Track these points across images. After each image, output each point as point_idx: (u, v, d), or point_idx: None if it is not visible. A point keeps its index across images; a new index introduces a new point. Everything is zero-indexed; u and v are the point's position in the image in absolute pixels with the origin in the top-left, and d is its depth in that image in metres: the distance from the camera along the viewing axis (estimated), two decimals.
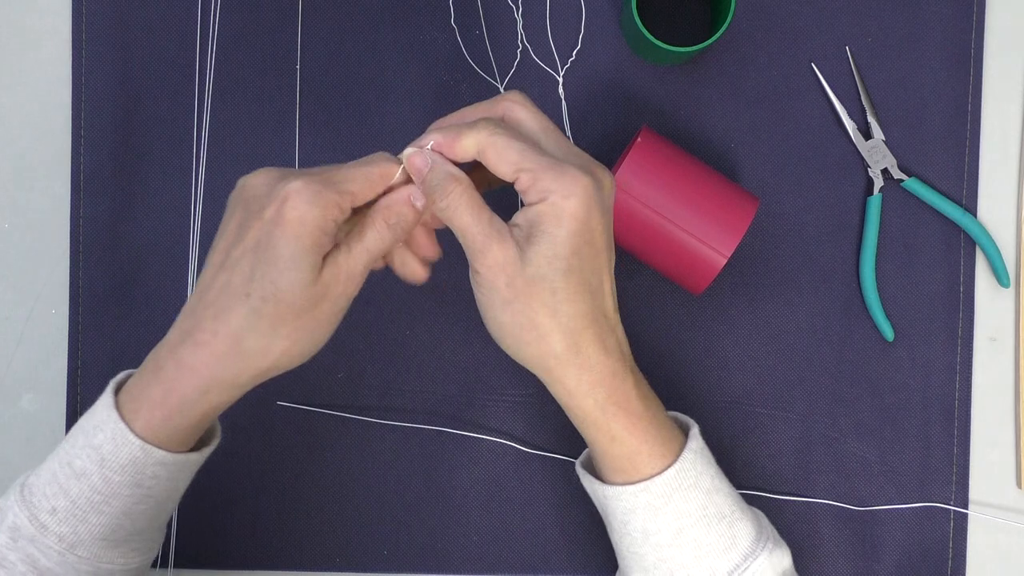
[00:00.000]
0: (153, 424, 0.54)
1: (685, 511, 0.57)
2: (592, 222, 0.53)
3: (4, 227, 0.74)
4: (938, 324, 0.73)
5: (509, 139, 0.53)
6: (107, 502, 0.54)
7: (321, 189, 0.52)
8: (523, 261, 0.53)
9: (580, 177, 0.52)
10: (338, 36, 0.73)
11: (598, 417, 0.56)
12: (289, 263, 0.52)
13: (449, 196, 0.54)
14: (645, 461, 0.57)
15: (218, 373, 0.53)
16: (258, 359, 0.53)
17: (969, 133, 0.73)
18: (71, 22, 0.74)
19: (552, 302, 0.53)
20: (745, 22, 0.73)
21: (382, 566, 0.73)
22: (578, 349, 0.55)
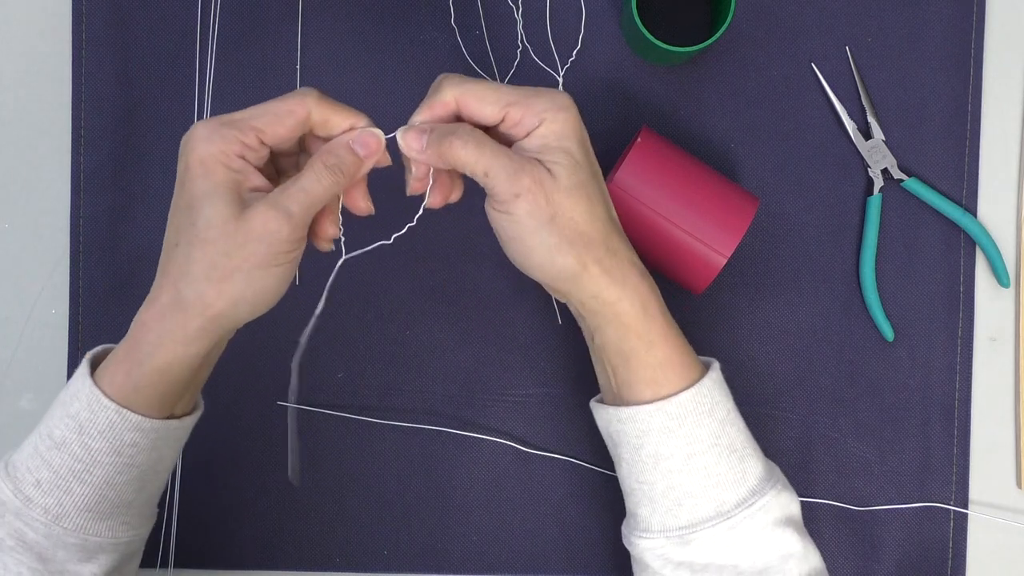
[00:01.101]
0: (119, 384, 0.54)
1: (697, 436, 0.57)
2: (584, 132, 0.57)
3: (4, 227, 0.74)
4: (938, 324, 0.73)
5: (477, 82, 0.56)
6: (88, 471, 0.54)
7: (218, 127, 0.53)
8: (553, 176, 0.55)
9: (561, 95, 0.56)
10: (338, 36, 0.73)
11: (641, 319, 0.57)
12: (201, 201, 0.52)
13: (464, 137, 0.55)
14: (677, 371, 0.58)
15: (165, 326, 0.54)
16: (198, 306, 0.53)
17: (969, 133, 0.73)
18: (71, 22, 0.74)
19: (590, 207, 0.56)
20: (745, 22, 0.73)
21: (382, 566, 0.73)
22: (614, 250, 0.57)
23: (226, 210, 0.52)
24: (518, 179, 0.54)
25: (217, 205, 0.52)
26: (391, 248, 0.73)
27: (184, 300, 0.53)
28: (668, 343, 0.58)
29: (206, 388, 0.72)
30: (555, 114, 0.55)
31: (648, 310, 0.57)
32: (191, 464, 0.73)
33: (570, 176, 0.55)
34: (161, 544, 0.72)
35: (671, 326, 0.58)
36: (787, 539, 0.58)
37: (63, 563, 0.55)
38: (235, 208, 0.52)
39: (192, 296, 0.53)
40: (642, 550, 0.59)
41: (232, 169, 0.53)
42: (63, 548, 0.55)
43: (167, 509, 0.72)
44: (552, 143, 0.55)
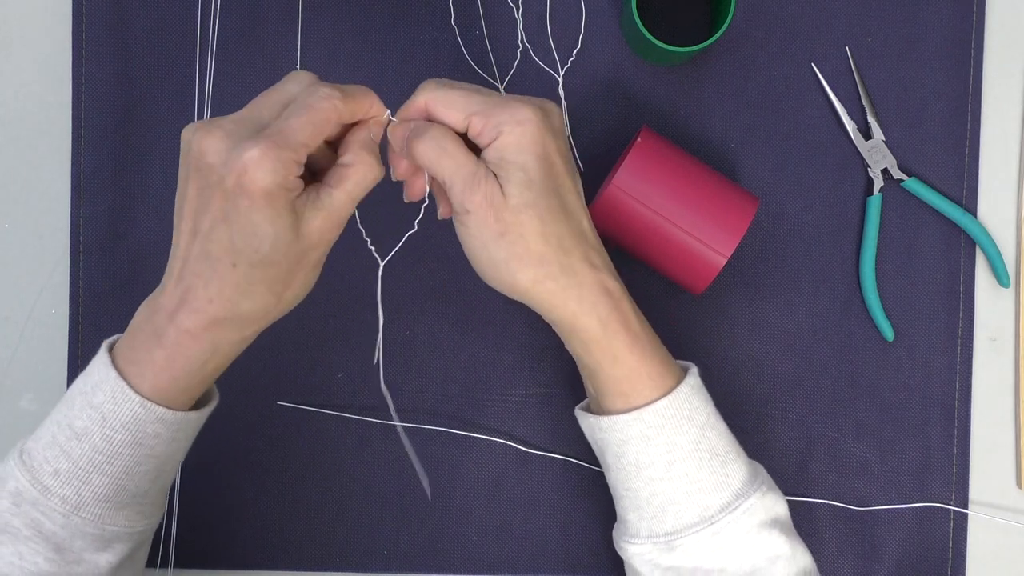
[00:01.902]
0: (160, 386, 0.54)
1: (677, 443, 0.58)
2: (548, 146, 0.55)
3: (4, 227, 0.74)
4: (938, 324, 0.73)
5: (452, 89, 0.56)
6: (109, 462, 0.55)
7: (278, 153, 0.51)
8: (505, 195, 0.55)
9: (525, 106, 0.55)
10: (338, 36, 0.73)
11: (601, 335, 0.57)
12: (267, 230, 0.52)
13: (433, 138, 0.55)
14: (645, 383, 0.58)
15: (219, 336, 0.54)
16: (257, 317, 0.54)
17: (969, 133, 0.73)
18: (71, 22, 0.74)
19: (540, 227, 0.55)
20: (745, 22, 0.73)
21: (382, 566, 0.73)
22: (572, 269, 0.56)
23: (289, 234, 0.52)
24: (471, 194, 0.55)
25: (282, 231, 0.52)
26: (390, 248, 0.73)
27: (244, 314, 0.53)
28: (634, 355, 0.58)
29: None
30: (512, 127, 0.54)
31: (608, 326, 0.57)
32: (191, 464, 0.73)
33: (521, 194, 0.54)
34: (161, 544, 0.72)
35: (637, 338, 0.58)
36: (774, 541, 0.58)
37: (79, 552, 0.55)
38: (295, 230, 0.53)
39: (253, 309, 0.54)
40: (631, 555, 0.60)
41: (290, 191, 0.52)
42: (80, 538, 0.55)
43: (167, 509, 0.72)
44: (508, 156, 0.55)
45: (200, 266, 0.53)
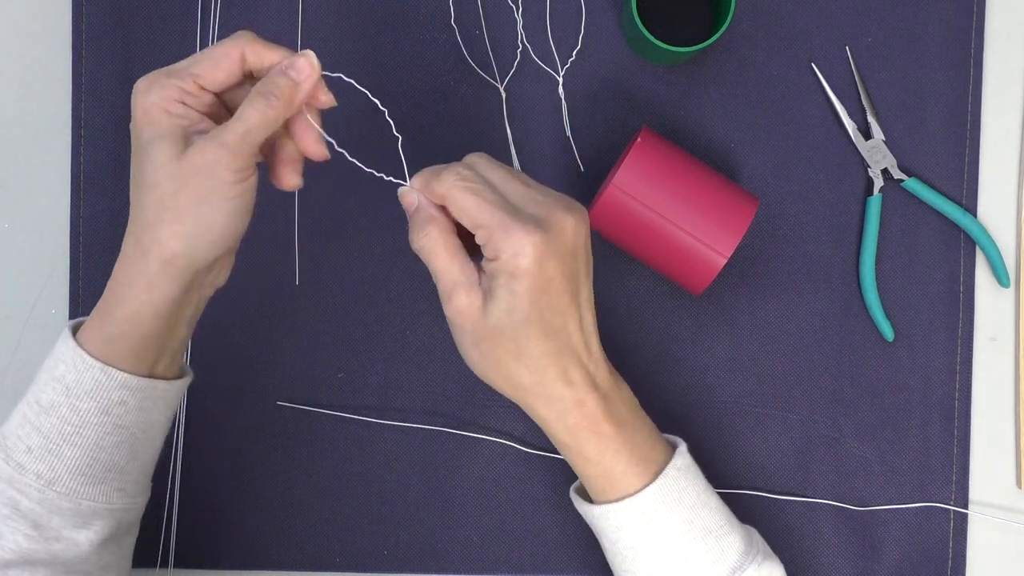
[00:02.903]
0: (95, 340, 0.55)
1: (670, 525, 0.59)
2: (547, 274, 0.54)
3: (4, 227, 0.74)
4: (938, 324, 0.73)
5: (467, 193, 0.55)
6: (79, 433, 0.55)
7: (157, 77, 0.54)
8: (485, 311, 0.55)
9: (527, 235, 0.54)
10: (338, 36, 0.73)
11: (569, 441, 0.59)
12: (146, 148, 0.54)
13: (425, 237, 0.56)
14: (621, 480, 0.59)
15: (129, 273, 0.55)
16: (155, 249, 0.54)
17: (969, 133, 0.73)
18: (71, 22, 0.74)
19: (514, 347, 0.56)
20: (745, 22, 0.73)
21: (382, 566, 0.73)
22: (544, 384, 0.57)
23: (169, 151, 0.54)
24: (448, 301, 0.56)
25: (160, 148, 0.54)
26: (391, 248, 0.73)
27: (142, 245, 0.55)
28: (607, 455, 0.58)
29: (206, 387, 0.73)
30: (508, 258, 0.54)
31: (577, 434, 0.58)
32: (191, 464, 0.73)
33: (500, 316, 0.55)
34: (161, 544, 0.72)
35: (609, 440, 0.58)
36: None
37: (58, 529, 0.56)
38: (178, 150, 0.54)
39: (148, 240, 0.54)
40: None
41: (174, 115, 0.54)
42: (57, 514, 0.56)
43: (167, 509, 0.72)
44: (499, 280, 0.55)
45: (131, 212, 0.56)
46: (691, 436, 0.70)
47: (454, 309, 0.56)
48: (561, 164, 0.73)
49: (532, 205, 0.56)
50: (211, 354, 0.73)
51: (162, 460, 0.72)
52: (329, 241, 0.73)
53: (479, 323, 0.56)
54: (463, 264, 0.56)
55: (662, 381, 0.73)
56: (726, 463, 0.73)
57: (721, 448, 0.73)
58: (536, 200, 0.56)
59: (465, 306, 0.55)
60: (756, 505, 0.73)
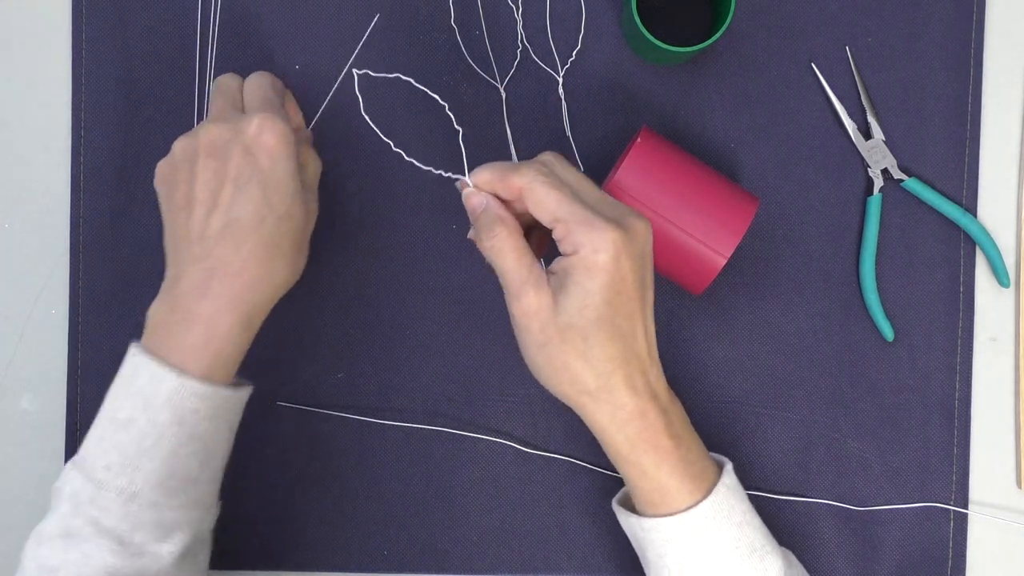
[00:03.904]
0: (196, 365, 0.58)
1: (719, 542, 0.59)
2: (622, 272, 0.55)
3: (4, 227, 0.74)
4: (938, 324, 0.73)
5: (548, 188, 0.55)
6: (156, 444, 0.57)
7: (275, 112, 0.61)
8: (556, 309, 0.55)
9: (609, 231, 0.54)
10: (338, 36, 0.73)
11: (628, 453, 0.58)
12: (289, 182, 0.59)
13: (494, 238, 0.56)
14: (674, 495, 0.59)
15: (252, 303, 0.58)
16: (284, 274, 0.60)
17: (969, 133, 0.73)
18: (71, 22, 0.74)
19: (583, 347, 0.55)
20: (745, 22, 0.73)
21: (382, 566, 0.73)
22: (609, 389, 0.57)
23: (298, 180, 0.61)
24: (516, 301, 0.56)
25: (295, 178, 0.61)
26: (390, 248, 0.73)
27: (274, 271, 0.59)
28: (663, 471, 0.58)
29: None
30: (588, 253, 0.54)
31: (637, 446, 0.58)
32: None
33: (573, 314, 0.55)
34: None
35: (667, 455, 0.58)
36: None
37: (141, 545, 0.57)
38: (300, 174, 0.62)
39: (282, 266, 0.60)
40: None
41: (292, 143, 0.61)
42: (140, 528, 0.56)
43: None
44: (575, 276, 0.55)
45: (225, 237, 0.58)
46: None
47: (522, 309, 0.56)
48: None
49: (606, 207, 0.56)
50: None
51: None
52: (329, 240, 0.73)
53: (548, 322, 0.55)
54: (531, 264, 0.56)
55: None
56: None
57: (721, 448, 0.73)
58: (610, 203, 0.57)
59: (534, 305, 0.55)
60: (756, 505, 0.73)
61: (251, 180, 0.58)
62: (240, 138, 0.59)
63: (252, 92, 0.65)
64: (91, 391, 0.73)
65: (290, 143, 0.59)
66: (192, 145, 0.60)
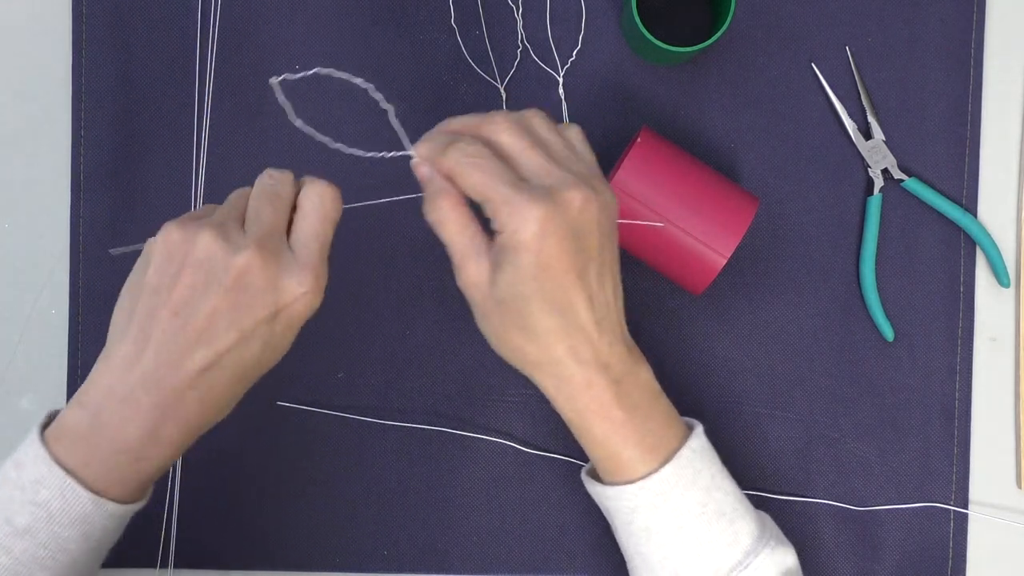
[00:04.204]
0: (87, 467, 0.52)
1: (684, 507, 0.58)
2: (548, 248, 0.54)
3: (4, 227, 0.74)
4: (938, 324, 0.73)
5: (471, 169, 0.55)
6: (54, 557, 0.53)
7: (321, 284, 0.55)
8: (492, 283, 0.55)
9: (533, 208, 0.53)
10: (338, 36, 0.73)
11: (579, 423, 0.59)
12: (287, 345, 0.57)
13: (437, 211, 0.56)
14: (631, 464, 0.58)
15: (194, 432, 0.55)
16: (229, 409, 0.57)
17: (969, 133, 0.73)
18: (71, 22, 0.74)
19: (521, 321, 0.56)
20: (745, 22, 0.73)
21: (382, 566, 0.73)
22: (553, 361, 0.57)
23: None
24: (459, 271, 0.56)
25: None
26: (390, 248, 0.73)
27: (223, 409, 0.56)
28: (616, 439, 0.58)
29: None
30: (512, 232, 0.54)
31: (586, 416, 0.58)
32: (191, 464, 0.73)
33: (506, 288, 0.54)
34: (161, 544, 0.72)
35: (620, 424, 0.58)
36: None
37: None
38: None
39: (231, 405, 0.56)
40: None
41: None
42: None
43: (167, 509, 0.72)
44: (504, 252, 0.54)
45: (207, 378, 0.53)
46: None
47: (464, 280, 0.56)
48: None
49: (545, 177, 0.55)
50: None
51: None
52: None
53: (487, 295, 0.56)
54: (473, 235, 0.56)
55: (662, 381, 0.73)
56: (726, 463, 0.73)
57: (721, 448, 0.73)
58: (552, 173, 0.55)
59: (473, 276, 0.55)
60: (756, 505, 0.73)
61: (250, 337, 0.53)
62: (274, 298, 0.53)
63: (311, 229, 0.55)
64: None
65: (315, 301, 0.55)
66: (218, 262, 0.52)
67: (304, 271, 0.54)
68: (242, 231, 0.54)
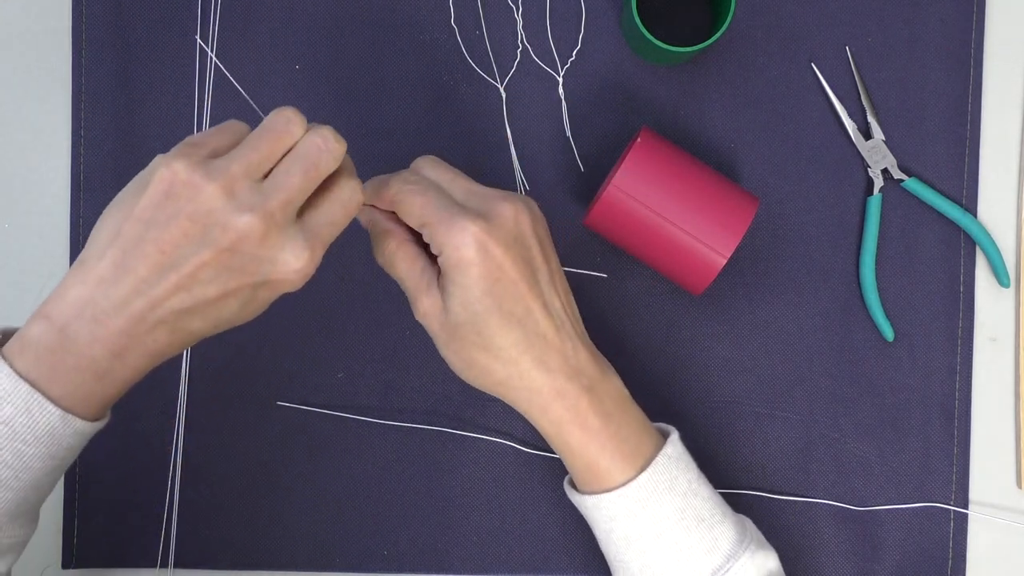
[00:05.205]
0: (54, 384, 0.50)
1: (662, 515, 0.58)
2: (494, 261, 0.55)
3: (4, 227, 0.74)
4: (938, 324, 0.73)
5: (412, 194, 0.57)
6: (17, 476, 0.51)
7: (319, 255, 0.53)
8: (444, 309, 0.56)
9: (468, 225, 0.55)
10: (338, 36, 0.73)
11: (554, 434, 0.59)
12: (263, 306, 0.55)
13: (384, 252, 0.58)
14: (608, 472, 0.59)
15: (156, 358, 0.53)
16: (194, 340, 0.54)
17: (969, 133, 0.73)
18: (71, 22, 0.74)
19: (481, 340, 0.56)
20: (745, 22, 0.73)
21: (382, 566, 0.73)
22: (520, 374, 0.57)
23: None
24: (414, 305, 0.58)
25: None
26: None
27: (186, 342, 0.53)
28: (592, 448, 0.58)
29: (206, 387, 0.73)
30: (450, 252, 0.55)
31: (561, 427, 0.58)
32: (191, 464, 0.73)
33: (459, 311, 0.56)
34: (161, 544, 0.72)
35: (595, 433, 0.58)
36: None
37: None
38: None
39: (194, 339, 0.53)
40: None
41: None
42: None
43: (167, 509, 0.72)
44: (448, 275, 0.56)
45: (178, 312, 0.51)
46: (691, 436, 0.70)
47: (420, 313, 0.58)
48: (561, 164, 0.73)
49: (474, 200, 0.57)
50: (211, 354, 0.73)
51: (162, 460, 0.72)
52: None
53: (443, 322, 0.57)
54: (422, 269, 0.57)
55: (662, 381, 0.73)
56: (726, 463, 0.73)
57: (721, 448, 0.73)
58: (480, 195, 0.58)
59: (428, 309, 0.57)
60: (756, 505, 0.73)
61: (228, 295, 0.52)
62: (266, 265, 0.51)
63: (333, 217, 0.54)
64: None
65: (305, 277, 0.53)
66: (216, 218, 0.50)
67: (306, 251, 0.52)
68: (256, 187, 0.51)
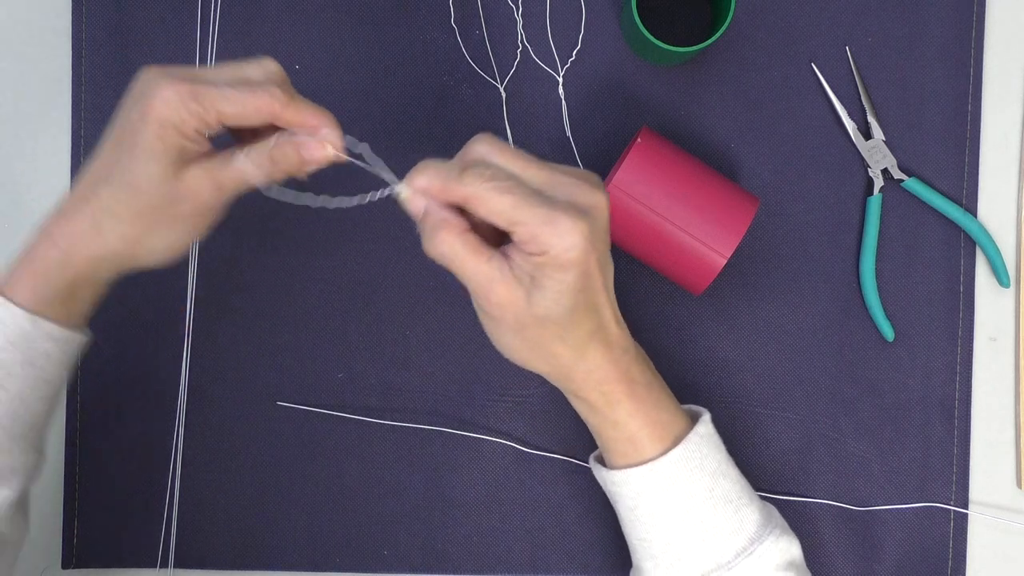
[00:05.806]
0: (26, 295, 0.55)
1: (690, 492, 0.58)
2: (592, 261, 0.53)
3: (4, 227, 0.74)
4: (938, 324, 0.73)
5: (499, 193, 0.52)
6: (2, 386, 0.55)
7: (189, 101, 0.53)
8: (529, 301, 0.53)
9: (575, 225, 0.52)
10: (338, 36, 0.73)
11: (603, 406, 0.58)
12: (146, 156, 0.54)
13: (443, 244, 0.54)
14: (644, 444, 0.59)
15: (78, 244, 0.56)
16: (114, 241, 0.56)
17: (969, 133, 0.73)
18: (71, 22, 0.74)
19: (560, 331, 0.55)
20: (745, 22, 0.73)
21: (382, 566, 0.73)
22: (584, 357, 0.57)
23: (165, 170, 0.54)
24: (485, 299, 0.54)
25: (159, 164, 0.54)
26: (390, 248, 0.73)
27: (104, 230, 0.55)
28: (636, 420, 0.58)
29: (206, 387, 0.73)
30: (559, 252, 0.52)
31: (611, 397, 0.58)
32: (191, 464, 0.73)
33: (549, 306, 0.53)
34: (161, 544, 0.72)
35: (641, 403, 0.58)
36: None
37: None
38: (175, 168, 0.54)
39: (113, 230, 0.55)
40: None
41: (185, 137, 0.54)
42: None
43: (167, 509, 0.72)
44: (548, 272, 0.53)
45: (84, 180, 0.56)
46: None
47: (494, 303, 0.54)
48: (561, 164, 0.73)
49: (559, 188, 0.53)
50: (211, 354, 0.73)
51: (162, 460, 0.72)
52: (328, 241, 0.73)
53: (523, 313, 0.54)
54: (490, 259, 0.53)
55: None
56: None
57: None
58: (561, 182, 0.54)
59: (506, 299, 0.53)
60: None
61: (119, 141, 0.55)
62: (143, 98, 0.54)
63: (235, 81, 0.55)
64: (91, 391, 0.73)
65: (169, 128, 0.53)
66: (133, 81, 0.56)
67: (178, 82, 0.53)
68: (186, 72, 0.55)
